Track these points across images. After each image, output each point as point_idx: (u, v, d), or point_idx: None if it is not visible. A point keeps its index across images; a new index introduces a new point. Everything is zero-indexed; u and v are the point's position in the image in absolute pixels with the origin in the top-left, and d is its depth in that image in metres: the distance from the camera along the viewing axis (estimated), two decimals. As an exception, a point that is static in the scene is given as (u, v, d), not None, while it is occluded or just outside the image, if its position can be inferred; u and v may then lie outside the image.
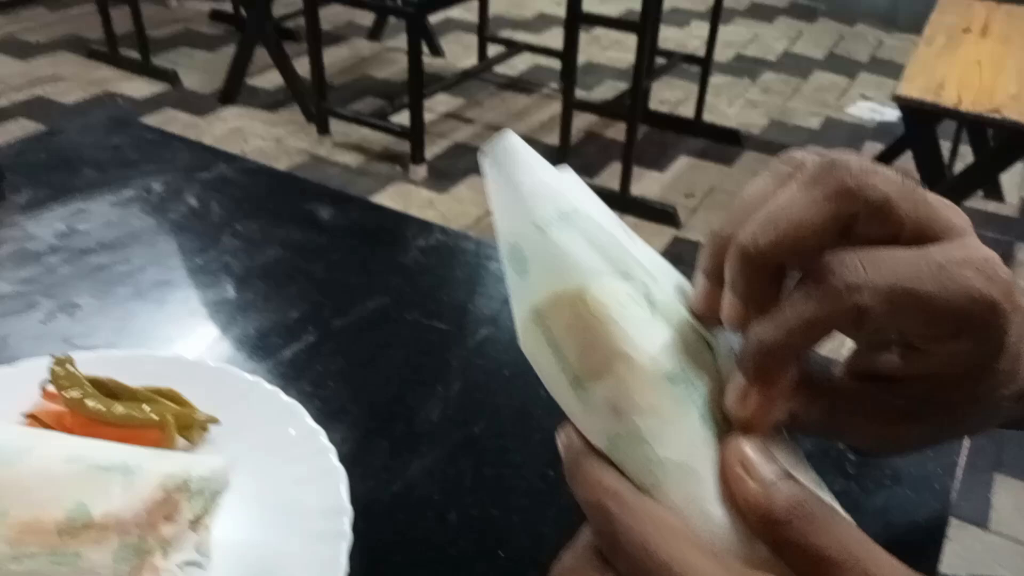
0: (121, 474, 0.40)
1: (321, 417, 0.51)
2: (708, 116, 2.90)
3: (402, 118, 2.52)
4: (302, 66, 2.77)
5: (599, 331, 0.25)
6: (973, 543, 1.45)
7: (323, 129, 2.72)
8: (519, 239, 0.27)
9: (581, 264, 0.26)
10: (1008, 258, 2.31)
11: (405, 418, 0.51)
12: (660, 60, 2.90)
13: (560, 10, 2.24)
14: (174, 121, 2.79)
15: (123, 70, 3.12)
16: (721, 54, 3.46)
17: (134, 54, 3.10)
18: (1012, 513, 1.52)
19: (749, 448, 0.24)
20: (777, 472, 0.24)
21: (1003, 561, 1.42)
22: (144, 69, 3.09)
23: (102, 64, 3.15)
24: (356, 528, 0.42)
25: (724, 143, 2.82)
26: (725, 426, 0.25)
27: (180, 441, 0.48)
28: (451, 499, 0.46)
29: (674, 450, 0.24)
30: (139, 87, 3.02)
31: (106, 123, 0.86)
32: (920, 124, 1.91)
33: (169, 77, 3.05)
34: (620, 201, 2.36)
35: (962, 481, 0.43)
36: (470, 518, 0.45)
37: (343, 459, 0.46)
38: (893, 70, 3.22)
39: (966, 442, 0.52)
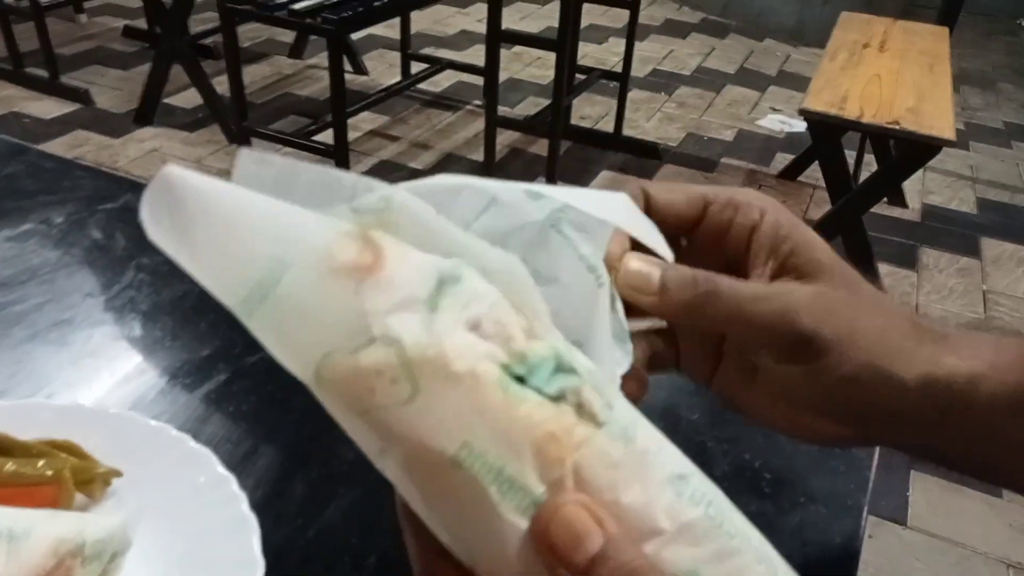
0: (6, 541, 0.38)
1: (232, 462, 0.49)
2: (628, 131, 2.96)
3: (326, 137, 2.48)
4: (221, 84, 2.70)
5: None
6: (892, 540, 1.51)
7: (243, 149, 2.66)
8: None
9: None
10: (913, 261, 2.43)
11: (321, 458, 0.50)
12: (580, 76, 2.95)
13: (481, 27, 2.26)
14: (86, 143, 2.69)
15: (29, 89, 2.98)
16: (638, 70, 3.53)
17: (41, 72, 2.96)
18: (926, 508, 1.58)
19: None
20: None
21: (920, 555, 1.48)
22: (53, 88, 2.96)
23: (6, 83, 3.01)
24: (270, 578, 0.41)
25: (644, 157, 2.88)
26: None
27: (80, 498, 0.45)
28: (370, 542, 0.45)
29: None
30: (47, 107, 2.89)
31: (0, 150, 0.82)
32: (826, 136, 1.99)
33: (80, 96, 2.93)
34: (545, 216, 2.38)
35: (879, 480, 0.45)
36: (391, 561, 0.44)
37: (255, 506, 0.45)
38: (801, 83, 3.36)
39: (877, 448, 0.54)
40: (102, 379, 0.56)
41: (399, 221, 0.24)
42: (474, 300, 0.22)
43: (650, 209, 0.34)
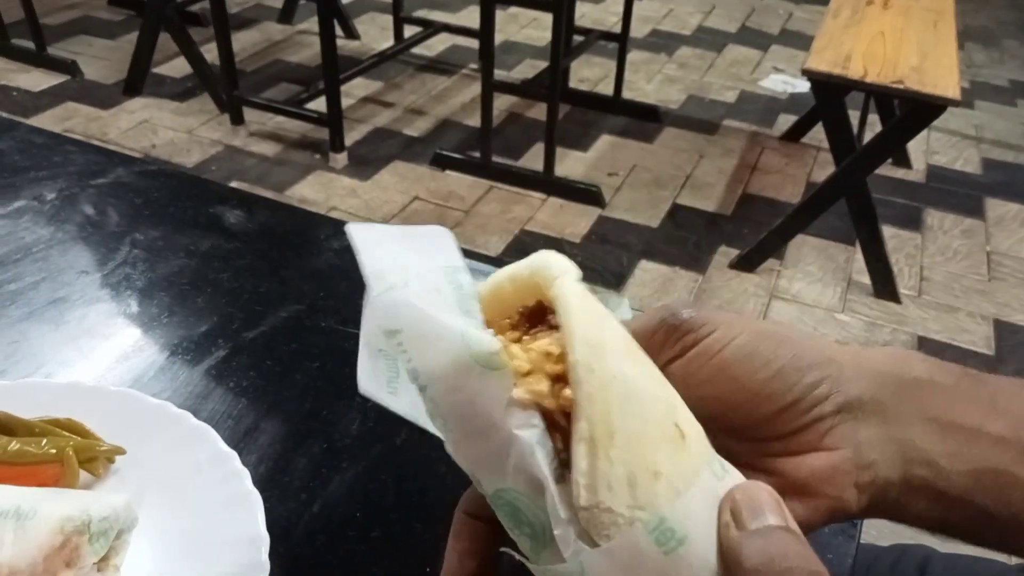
0: (14, 520, 0.38)
1: (234, 438, 0.49)
2: (627, 93, 2.92)
3: (319, 104, 2.45)
4: (210, 52, 2.66)
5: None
6: (892, 537, 1.52)
7: (237, 118, 2.63)
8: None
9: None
10: (917, 222, 2.41)
11: (323, 433, 0.50)
12: (578, 38, 2.90)
13: (476, -11, 2.21)
14: (76, 115, 2.65)
15: (16, 61, 2.93)
16: (637, 30, 3.48)
17: (28, 43, 2.91)
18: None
19: (739, 494, 0.24)
20: (764, 522, 0.24)
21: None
22: (40, 60, 2.91)
23: (-8, 55, 2.97)
24: (275, 554, 0.41)
25: (644, 120, 2.84)
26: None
27: (84, 475, 0.45)
28: (374, 517, 0.45)
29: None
30: (35, 79, 2.85)
31: (-11, 128, 0.80)
32: (829, 96, 1.96)
33: (68, 68, 2.88)
34: (544, 183, 2.35)
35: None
36: (394, 535, 0.44)
37: (258, 482, 0.44)
38: (803, 42, 3.30)
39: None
40: (100, 357, 0.55)
41: None
42: None
43: None
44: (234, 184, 2.31)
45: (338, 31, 2.97)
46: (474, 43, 3.10)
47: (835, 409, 0.29)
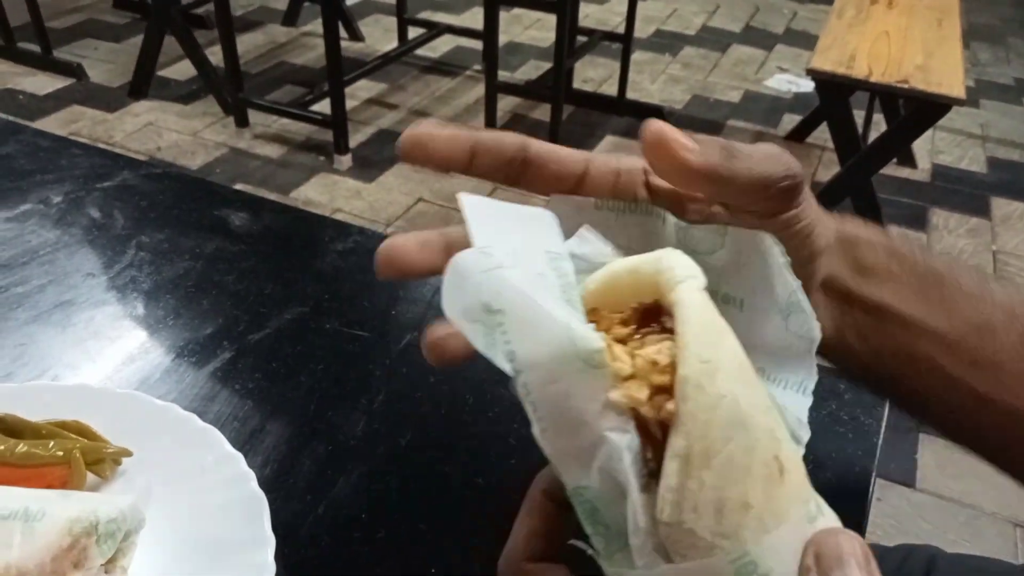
0: (22, 521, 0.38)
1: (240, 439, 0.49)
2: (631, 93, 2.92)
3: (323, 106, 2.45)
4: (215, 55, 2.67)
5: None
6: (900, 502, 1.52)
7: (241, 121, 2.63)
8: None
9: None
10: (922, 221, 2.41)
11: (328, 435, 0.50)
12: (581, 38, 2.90)
13: (479, -10, 2.22)
14: (82, 118, 2.66)
15: (22, 64, 2.95)
16: (641, 30, 3.48)
17: (33, 47, 2.93)
18: (935, 470, 1.59)
19: (826, 540, 0.24)
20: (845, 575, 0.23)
21: (929, 517, 1.49)
22: (45, 63, 2.93)
23: (-2, 59, 2.98)
24: (280, 556, 0.41)
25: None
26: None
27: (91, 477, 0.45)
28: (379, 517, 0.45)
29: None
30: (41, 83, 2.86)
31: (-5, 131, 0.81)
32: (834, 95, 1.96)
33: (73, 71, 2.90)
34: (549, 182, 2.35)
35: (888, 443, 0.45)
36: (399, 536, 0.44)
37: (264, 484, 0.44)
38: (808, 41, 3.30)
39: (885, 410, 0.53)
40: (106, 360, 0.55)
41: None
42: None
43: (532, 159, 0.35)
44: (239, 186, 2.32)
45: (342, 33, 2.97)
46: (478, 44, 3.10)
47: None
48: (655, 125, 0.31)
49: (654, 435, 0.23)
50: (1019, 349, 0.35)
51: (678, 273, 0.24)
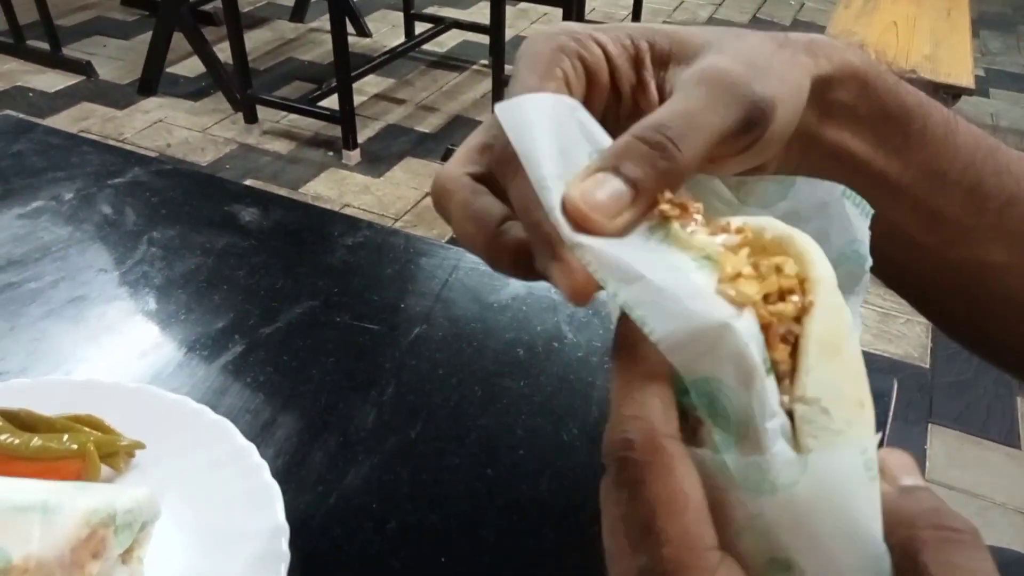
0: (40, 513, 0.38)
1: (252, 432, 0.49)
2: (639, 86, 2.91)
3: (331, 102, 2.46)
4: (223, 51, 2.68)
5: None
6: (908, 492, 1.51)
7: (250, 117, 2.64)
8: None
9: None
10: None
11: (339, 427, 0.50)
12: (589, 31, 2.89)
13: (486, -16, 2.22)
14: (91, 115, 2.68)
15: (31, 62, 2.96)
16: (648, 22, 3.46)
17: (42, 45, 2.94)
18: (945, 460, 1.58)
19: (888, 456, 0.25)
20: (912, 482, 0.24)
21: (936, 506, 1.48)
22: (54, 60, 2.94)
23: (8, 57, 2.99)
24: (294, 546, 0.42)
25: (656, 112, 2.84)
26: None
27: (105, 470, 0.46)
28: (389, 508, 0.45)
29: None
30: (50, 80, 2.88)
31: (6, 129, 0.82)
32: (843, 87, 1.95)
33: (83, 68, 2.91)
34: (556, 176, 2.35)
35: (897, 434, 0.45)
36: (409, 526, 0.45)
37: (276, 475, 0.45)
38: (816, 32, 3.28)
39: (893, 400, 0.53)
40: (119, 354, 0.56)
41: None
42: None
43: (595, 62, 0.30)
44: (248, 182, 2.33)
45: (350, 28, 2.98)
46: (485, 39, 3.10)
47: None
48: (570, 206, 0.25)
49: (773, 338, 0.23)
50: (965, 201, 0.34)
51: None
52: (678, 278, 0.23)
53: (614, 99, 0.31)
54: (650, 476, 0.21)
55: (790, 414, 0.22)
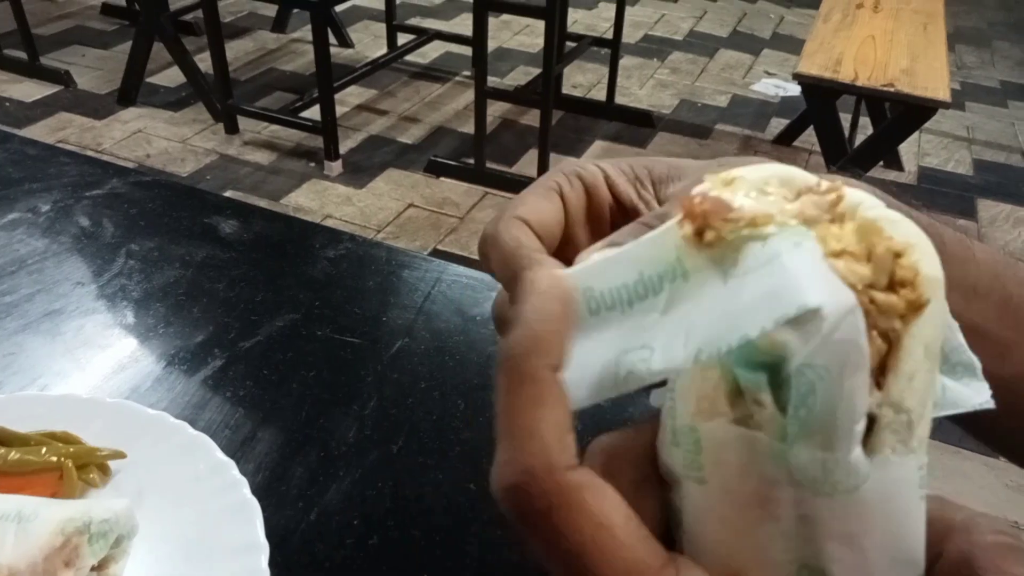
0: (15, 522, 0.38)
1: (231, 447, 0.49)
2: (620, 99, 2.93)
3: (313, 112, 2.45)
4: (204, 61, 2.66)
5: None
6: (889, 501, 1.52)
7: (231, 127, 2.63)
8: None
9: None
10: (909, 224, 2.42)
11: (320, 441, 0.50)
12: (570, 44, 2.91)
13: (468, -4, 2.22)
14: (70, 125, 2.65)
15: (9, 72, 2.93)
16: (629, 36, 3.49)
17: (20, 54, 2.92)
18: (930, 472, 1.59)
19: None
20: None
21: (916, 516, 1.50)
22: (32, 70, 2.91)
23: (-15, 66, 2.96)
24: (274, 562, 0.41)
25: (637, 125, 2.85)
26: None
27: (82, 487, 0.45)
28: (371, 523, 0.45)
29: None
30: (28, 90, 2.85)
31: (-17, 140, 0.81)
32: (820, 99, 1.97)
33: (61, 78, 2.89)
34: (539, 187, 2.36)
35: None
36: (391, 542, 0.44)
37: (256, 490, 0.44)
38: (795, 45, 3.32)
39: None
40: (96, 369, 0.55)
41: None
42: None
43: (608, 189, 0.32)
44: (229, 193, 2.31)
45: (332, 39, 2.98)
46: (467, 50, 3.11)
47: None
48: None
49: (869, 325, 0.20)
50: (1000, 315, 0.34)
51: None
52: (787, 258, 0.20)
53: (621, 214, 0.33)
54: (559, 523, 0.18)
55: (870, 416, 0.20)
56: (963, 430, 0.38)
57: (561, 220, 0.31)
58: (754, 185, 0.24)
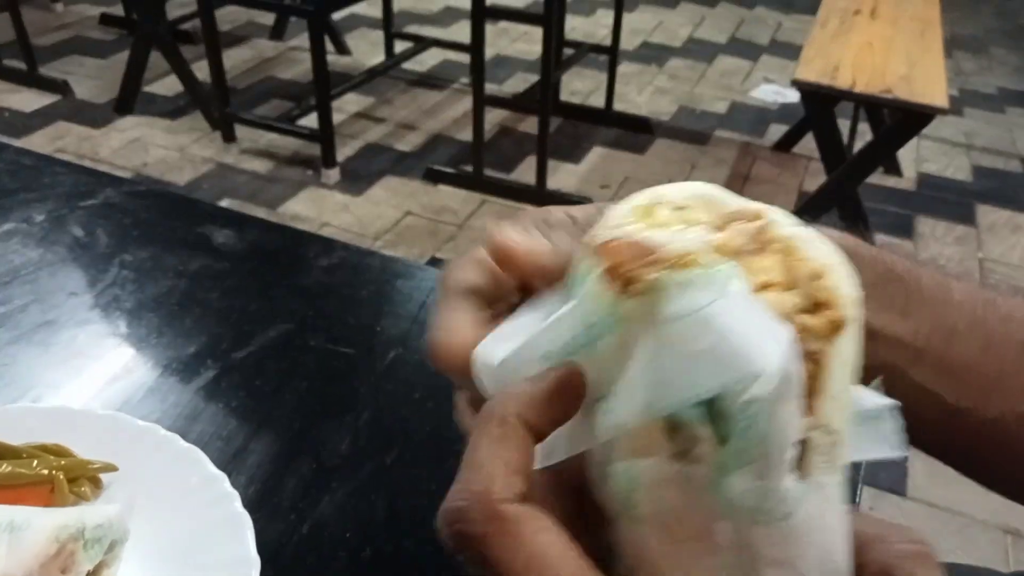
0: (7, 532, 0.38)
1: (223, 459, 0.48)
2: (619, 105, 2.93)
3: (311, 120, 2.45)
4: (201, 70, 2.67)
5: None
6: (892, 511, 1.52)
7: (228, 136, 2.63)
8: None
9: None
10: (908, 230, 2.42)
11: (313, 453, 0.49)
12: (568, 51, 2.91)
13: (466, 3, 2.22)
14: (68, 134, 2.65)
15: (8, 82, 2.93)
16: (628, 42, 3.50)
17: (19, 64, 2.92)
18: (926, 479, 1.59)
19: None
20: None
21: (920, 525, 1.49)
22: (31, 80, 2.92)
23: (-16, 76, 2.97)
24: (265, 577, 0.40)
25: (635, 132, 2.85)
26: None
27: (74, 499, 0.45)
28: (364, 536, 0.44)
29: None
30: (27, 99, 2.85)
31: (-23, 150, 0.80)
32: (819, 106, 1.97)
33: (59, 87, 2.89)
34: (537, 196, 2.36)
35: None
36: (385, 555, 0.44)
37: (248, 503, 0.44)
38: (794, 52, 3.33)
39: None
40: (89, 380, 0.55)
41: None
42: None
43: (507, 262, 0.30)
44: (226, 201, 2.31)
45: (329, 47, 2.98)
46: (465, 58, 3.11)
47: None
48: (495, 240, 0.29)
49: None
50: (983, 354, 0.33)
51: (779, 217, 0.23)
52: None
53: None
54: (494, 549, 0.19)
55: (802, 440, 0.20)
56: (957, 472, 0.38)
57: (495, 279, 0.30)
58: (676, 209, 0.24)
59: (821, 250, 0.22)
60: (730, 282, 0.20)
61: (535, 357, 0.23)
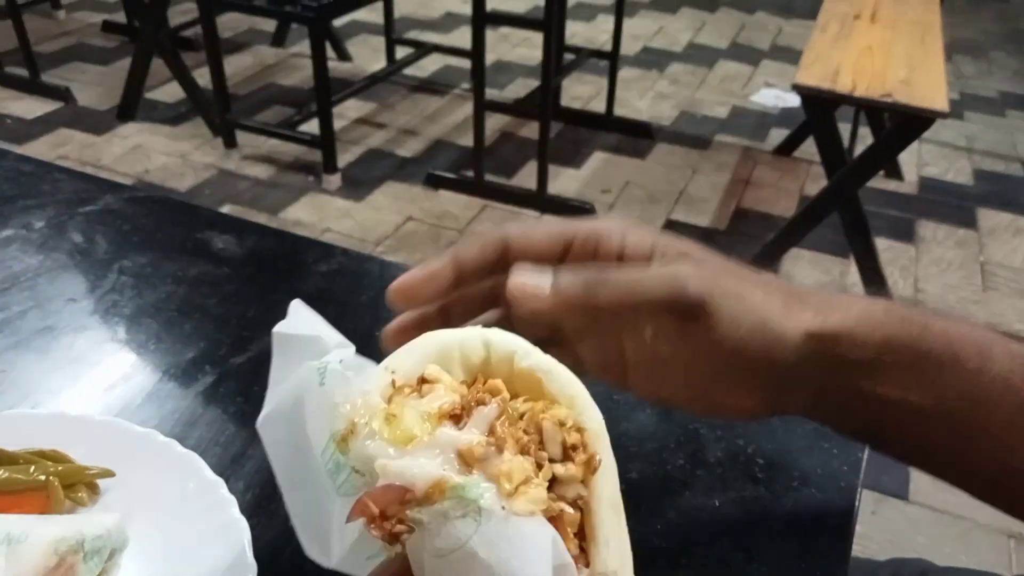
0: (5, 545, 0.38)
1: (221, 465, 0.48)
2: (619, 110, 2.93)
3: (312, 126, 2.46)
4: (203, 76, 2.67)
5: None
6: (894, 516, 1.51)
7: (230, 142, 2.63)
8: None
9: None
10: (910, 233, 2.42)
11: (311, 459, 0.49)
12: (569, 56, 2.92)
13: (466, 8, 2.23)
14: (70, 141, 2.66)
15: (10, 89, 2.94)
16: (628, 47, 3.50)
17: (21, 71, 2.93)
18: (928, 483, 1.58)
19: None
20: None
21: (922, 529, 1.48)
22: (33, 87, 2.93)
23: (-14, 83, 2.98)
24: (262, 583, 0.40)
25: (636, 136, 2.86)
26: None
27: (69, 506, 0.45)
28: (362, 542, 0.44)
29: None
30: (29, 107, 2.86)
31: (-23, 157, 0.80)
32: (819, 110, 1.97)
33: (61, 94, 2.90)
34: (538, 201, 2.36)
35: (880, 457, 0.44)
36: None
37: (246, 509, 0.44)
38: (793, 56, 3.33)
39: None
40: (87, 386, 0.55)
41: None
42: None
43: (511, 253, 0.37)
44: (228, 207, 2.31)
45: (330, 53, 2.99)
46: (466, 63, 3.12)
47: None
48: (516, 279, 0.35)
49: (560, 522, 0.23)
50: (1009, 420, 0.33)
51: (517, 345, 0.25)
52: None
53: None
54: None
55: None
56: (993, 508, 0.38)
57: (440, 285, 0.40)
58: (416, 389, 0.25)
59: (560, 380, 0.24)
60: (482, 499, 0.21)
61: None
